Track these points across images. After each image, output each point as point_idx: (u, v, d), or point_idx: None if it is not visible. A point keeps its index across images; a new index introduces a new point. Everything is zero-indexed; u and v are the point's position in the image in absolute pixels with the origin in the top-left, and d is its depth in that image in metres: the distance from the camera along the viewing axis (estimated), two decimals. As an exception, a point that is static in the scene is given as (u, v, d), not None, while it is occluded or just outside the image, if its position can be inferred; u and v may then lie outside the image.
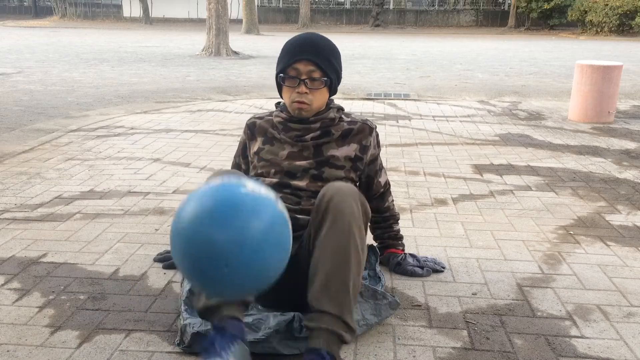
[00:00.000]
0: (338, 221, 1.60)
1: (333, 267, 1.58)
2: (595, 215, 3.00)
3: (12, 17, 30.83)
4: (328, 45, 1.92)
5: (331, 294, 1.56)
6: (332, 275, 1.57)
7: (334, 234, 1.60)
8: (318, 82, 1.88)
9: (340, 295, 1.57)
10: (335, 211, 1.61)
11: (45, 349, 1.75)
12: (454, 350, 1.77)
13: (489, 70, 10.40)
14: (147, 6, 27.94)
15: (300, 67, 1.86)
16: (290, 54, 1.88)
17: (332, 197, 1.63)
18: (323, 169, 1.94)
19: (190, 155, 4.09)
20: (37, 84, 8.01)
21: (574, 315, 1.99)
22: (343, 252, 1.58)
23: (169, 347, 1.77)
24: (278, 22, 29.66)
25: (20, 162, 3.84)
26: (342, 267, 1.58)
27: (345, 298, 1.57)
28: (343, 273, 1.58)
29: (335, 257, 1.58)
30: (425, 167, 3.84)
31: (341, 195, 1.63)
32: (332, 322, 1.55)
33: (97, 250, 2.46)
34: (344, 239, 1.59)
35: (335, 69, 1.92)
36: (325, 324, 1.55)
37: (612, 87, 5.48)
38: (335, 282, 1.57)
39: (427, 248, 2.54)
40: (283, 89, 1.93)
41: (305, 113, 1.92)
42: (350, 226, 1.60)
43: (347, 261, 1.58)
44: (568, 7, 24.52)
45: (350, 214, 1.61)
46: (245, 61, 11.80)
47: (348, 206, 1.61)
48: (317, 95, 1.90)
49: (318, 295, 1.57)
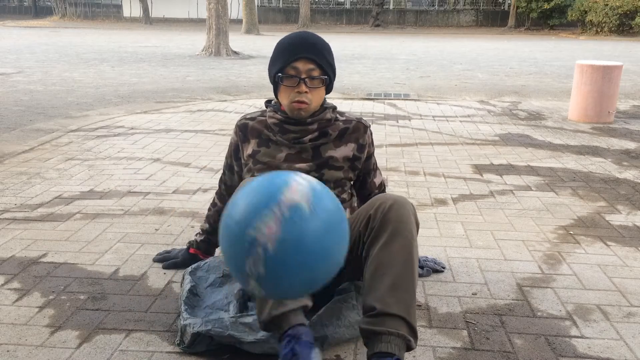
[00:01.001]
0: (401, 229, 1.63)
1: (401, 272, 1.58)
2: (595, 215, 3.00)
3: (12, 17, 30.83)
4: (323, 43, 1.90)
5: (399, 298, 1.56)
6: (400, 280, 1.57)
7: (399, 241, 1.62)
8: (318, 81, 1.86)
9: (407, 300, 1.56)
10: (397, 220, 1.64)
11: (45, 349, 1.75)
12: (454, 350, 1.77)
13: (489, 70, 10.40)
14: (147, 6, 27.94)
15: (299, 66, 1.83)
16: (288, 53, 1.84)
17: (391, 206, 1.66)
18: (323, 171, 1.93)
19: (190, 155, 4.09)
20: (37, 84, 8.01)
21: (574, 315, 1.99)
22: (409, 259, 1.60)
23: (169, 347, 1.77)
24: (278, 22, 29.66)
25: (20, 162, 3.84)
26: (409, 273, 1.59)
27: (412, 302, 1.57)
28: (410, 278, 1.59)
29: (403, 263, 1.59)
30: (425, 167, 3.84)
31: (400, 204, 1.67)
32: (402, 326, 1.53)
33: (97, 250, 2.46)
34: (409, 246, 1.62)
35: (332, 67, 1.91)
36: (396, 329, 1.52)
37: (612, 87, 5.48)
38: (403, 286, 1.57)
39: (427, 248, 2.54)
40: (281, 89, 1.89)
41: (304, 113, 1.88)
42: (412, 234, 1.64)
43: (412, 268, 1.60)
44: (568, 7, 24.52)
45: (411, 223, 1.65)
46: (245, 61, 11.80)
47: (407, 215, 1.66)
48: (316, 95, 1.88)
49: (386, 297, 1.55)
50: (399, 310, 1.54)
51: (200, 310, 1.90)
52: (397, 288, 1.56)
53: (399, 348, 1.51)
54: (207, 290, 2.02)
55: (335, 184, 1.94)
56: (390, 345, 1.51)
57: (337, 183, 1.94)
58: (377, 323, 1.54)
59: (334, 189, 1.94)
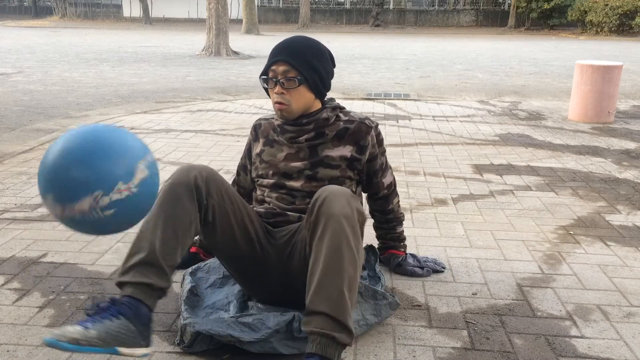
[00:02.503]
0: (330, 222, 1.59)
1: (327, 268, 1.56)
2: (595, 215, 3.00)
3: (12, 17, 30.83)
4: (308, 46, 1.91)
5: (325, 294, 1.54)
6: (326, 276, 1.55)
7: (327, 235, 1.58)
8: (292, 82, 1.87)
9: (334, 295, 1.54)
10: (328, 212, 1.60)
11: (45, 349, 1.75)
12: (454, 350, 1.77)
13: (489, 70, 10.41)
14: (147, 6, 27.94)
15: (275, 68, 1.88)
16: (270, 57, 1.92)
17: (324, 200, 1.62)
18: (317, 169, 1.94)
19: (190, 155, 4.09)
20: (37, 84, 8.01)
21: (574, 315, 1.99)
22: (336, 252, 1.57)
23: (169, 347, 1.77)
24: (278, 22, 29.66)
25: (20, 162, 3.84)
26: (336, 267, 1.56)
27: (340, 298, 1.54)
28: (337, 273, 1.56)
29: (329, 257, 1.57)
30: (425, 167, 3.84)
31: (332, 197, 1.62)
32: (326, 323, 1.52)
33: (97, 250, 2.46)
34: (337, 239, 1.58)
35: (315, 69, 1.90)
36: (319, 327, 1.51)
37: (612, 87, 5.48)
38: (329, 282, 1.55)
39: (427, 248, 2.54)
40: (269, 92, 1.96)
41: (287, 114, 1.91)
42: (342, 226, 1.59)
43: (340, 261, 1.56)
44: (568, 7, 24.52)
45: (342, 214, 1.60)
46: (245, 61, 11.80)
47: (339, 206, 1.60)
48: (295, 96, 1.89)
49: (313, 296, 1.55)
50: (324, 307, 1.53)
51: (200, 310, 1.90)
52: (322, 284, 1.55)
53: (322, 347, 1.50)
54: (208, 291, 2.02)
55: (330, 182, 1.94)
56: (314, 345, 1.51)
57: (332, 181, 1.94)
58: (306, 322, 1.55)
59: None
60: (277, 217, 1.92)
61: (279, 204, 1.94)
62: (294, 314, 1.76)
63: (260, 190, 2.02)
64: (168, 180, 1.72)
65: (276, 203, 1.95)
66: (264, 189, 2.00)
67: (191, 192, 1.69)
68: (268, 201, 1.97)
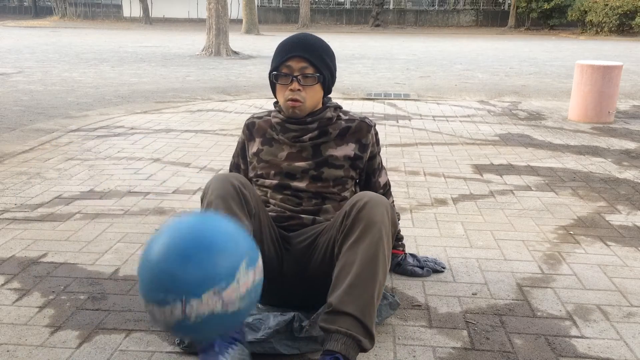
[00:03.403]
0: (371, 228, 1.61)
1: (362, 272, 1.58)
2: (595, 215, 3.00)
3: (12, 17, 30.82)
4: (321, 44, 1.91)
5: (356, 296, 1.55)
6: (359, 280, 1.57)
7: (366, 241, 1.61)
8: (311, 79, 1.86)
9: (364, 300, 1.56)
10: (368, 218, 1.62)
11: (45, 349, 1.75)
12: (454, 350, 1.77)
13: (489, 70, 10.41)
14: (147, 6, 27.94)
15: (292, 64, 1.85)
16: (282, 52, 1.87)
17: (365, 204, 1.64)
18: (322, 169, 1.93)
19: (190, 155, 4.09)
20: (37, 84, 8.01)
21: (574, 315, 1.99)
22: (374, 259, 1.59)
23: (169, 347, 1.77)
24: (278, 22, 29.66)
25: (20, 162, 3.84)
26: (370, 273, 1.58)
27: (369, 303, 1.56)
28: (371, 279, 1.58)
29: (365, 262, 1.59)
30: (425, 167, 3.84)
31: (374, 203, 1.65)
32: (353, 325, 1.53)
33: (97, 250, 2.46)
34: (375, 247, 1.61)
35: (329, 67, 1.91)
36: (345, 327, 1.53)
37: (612, 87, 5.48)
38: (361, 286, 1.57)
39: (427, 248, 2.54)
40: (277, 88, 1.91)
41: (299, 112, 1.89)
42: (381, 234, 1.62)
43: (375, 268, 1.59)
44: (568, 7, 24.52)
45: (382, 222, 1.63)
46: (245, 61, 11.80)
47: (380, 215, 1.63)
48: (311, 93, 1.88)
49: (343, 296, 1.56)
50: (354, 309, 1.54)
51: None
52: (355, 287, 1.56)
53: (346, 347, 1.51)
54: (207, 290, 2.01)
55: (334, 182, 1.94)
56: (338, 344, 1.51)
57: (336, 181, 1.94)
58: (330, 320, 1.55)
59: (333, 187, 1.94)
60: (290, 221, 1.91)
61: (285, 205, 1.92)
62: (294, 314, 1.76)
63: (261, 190, 1.99)
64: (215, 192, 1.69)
65: (282, 204, 1.93)
66: (266, 190, 1.97)
67: (242, 205, 1.69)
68: (272, 202, 1.95)
